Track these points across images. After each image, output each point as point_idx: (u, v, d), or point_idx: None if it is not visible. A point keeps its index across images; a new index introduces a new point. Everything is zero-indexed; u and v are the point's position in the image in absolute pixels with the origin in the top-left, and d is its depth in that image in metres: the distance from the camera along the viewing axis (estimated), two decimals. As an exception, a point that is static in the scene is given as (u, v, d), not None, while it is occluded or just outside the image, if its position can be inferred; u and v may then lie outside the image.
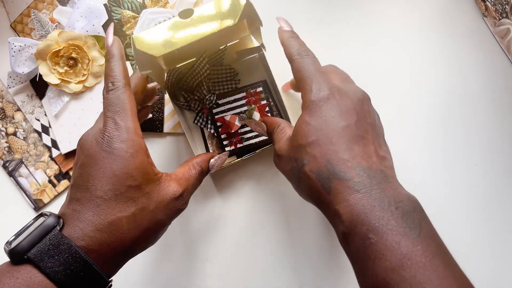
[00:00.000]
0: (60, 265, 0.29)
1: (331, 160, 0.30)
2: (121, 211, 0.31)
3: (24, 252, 0.29)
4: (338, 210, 0.29)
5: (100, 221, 0.31)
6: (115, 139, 0.32)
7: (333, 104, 0.32)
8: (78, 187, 0.32)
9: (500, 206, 0.44)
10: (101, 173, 0.32)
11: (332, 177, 0.29)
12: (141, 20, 0.45)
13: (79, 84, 0.45)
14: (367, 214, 0.27)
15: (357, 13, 0.46)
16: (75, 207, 0.32)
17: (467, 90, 0.45)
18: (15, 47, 0.44)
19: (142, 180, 0.32)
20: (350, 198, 0.28)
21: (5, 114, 0.48)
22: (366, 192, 0.28)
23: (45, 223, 0.30)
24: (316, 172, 0.30)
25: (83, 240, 0.30)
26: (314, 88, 0.33)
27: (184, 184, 0.36)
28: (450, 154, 0.45)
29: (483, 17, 0.45)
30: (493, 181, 0.44)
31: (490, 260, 0.44)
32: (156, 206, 0.33)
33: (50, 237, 0.29)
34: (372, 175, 0.29)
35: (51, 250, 0.29)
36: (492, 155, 0.44)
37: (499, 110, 0.45)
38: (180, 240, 0.45)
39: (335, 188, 0.29)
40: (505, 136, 0.45)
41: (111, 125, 0.33)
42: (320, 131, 0.31)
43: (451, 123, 0.45)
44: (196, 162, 0.38)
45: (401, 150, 0.45)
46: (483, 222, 0.44)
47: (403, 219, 0.27)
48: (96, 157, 0.32)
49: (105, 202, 0.31)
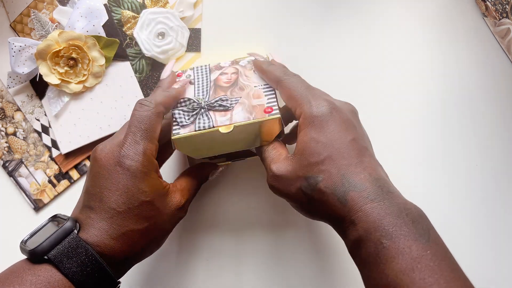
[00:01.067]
0: (78, 266, 0.31)
1: (346, 174, 0.31)
2: (134, 224, 0.33)
3: (45, 253, 0.31)
4: (354, 220, 0.30)
5: (114, 231, 0.33)
6: (131, 157, 0.34)
7: (336, 118, 0.33)
8: (91, 195, 0.34)
9: (501, 206, 0.44)
10: (115, 187, 0.33)
11: (348, 190, 0.30)
12: (141, 20, 0.45)
13: (79, 84, 0.45)
14: (382, 220, 0.29)
15: (357, 13, 0.46)
16: (89, 214, 0.34)
17: (467, 90, 0.45)
18: (15, 47, 0.44)
19: (154, 196, 0.34)
20: (366, 207, 0.29)
21: (5, 114, 0.48)
22: (380, 201, 0.29)
23: (64, 227, 0.32)
24: (332, 188, 0.31)
25: (98, 246, 0.32)
26: (313, 104, 0.34)
27: (186, 195, 0.37)
28: (450, 154, 0.45)
29: (483, 17, 0.45)
30: (493, 181, 0.44)
31: (490, 261, 0.44)
32: (164, 219, 0.35)
33: (69, 240, 0.32)
34: (381, 185, 0.30)
35: (70, 252, 0.31)
36: (492, 156, 0.45)
37: (499, 110, 0.45)
38: (180, 240, 0.45)
39: (351, 199, 0.30)
40: (505, 136, 0.45)
41: (130, 142, 0.34)
42: (331, 147, 0.32)
43: (451, 123, 0.45)
44: (196, 170, 0.40)
45: (401, 150, 0.45)
46: (484, 222, 0.44)
47: (413, 225, 0.28)
48: (110, 170, 0.34)
49: (119, 214, 0.33)
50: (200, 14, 0.46)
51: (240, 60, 0.42)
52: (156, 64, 0.46)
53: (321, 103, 0.34)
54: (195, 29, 0.46)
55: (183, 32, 0.46)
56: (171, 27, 0.45)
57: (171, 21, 0.45)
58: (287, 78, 0.37)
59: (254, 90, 0.39)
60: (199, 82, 0.41)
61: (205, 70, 0.42)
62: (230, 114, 0.37)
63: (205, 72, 0.42)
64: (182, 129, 0.37)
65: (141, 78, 0.46)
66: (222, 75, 0.41)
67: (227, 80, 0.40)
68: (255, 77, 0.40)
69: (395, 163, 0.45)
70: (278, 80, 0.37)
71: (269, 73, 0.38)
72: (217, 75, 0.41)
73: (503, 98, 0.45)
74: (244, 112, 0.37)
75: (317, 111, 0.33)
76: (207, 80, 0.41)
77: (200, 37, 0.46)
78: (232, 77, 0.41)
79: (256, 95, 0.38)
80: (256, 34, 0.46)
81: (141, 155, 0.34)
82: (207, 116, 0.38)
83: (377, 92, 0.46)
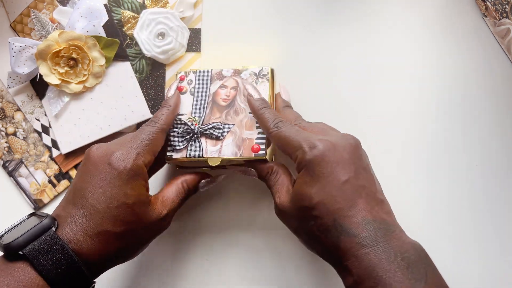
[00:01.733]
0: (52, 264, 0.31)
1: (338, 219, 0.31)
2: (111, 225, 0.33)
3: (20, 248, 0.31)
4: (347, 265, 0.30)
5: (91, 229, 0.33)
6: (122, 159, 0.35)
7: (330, 159, 0.32)
8: (76, 191, 0.35)
9: (501, 206, 0.44)
10: (99, 183, 0.34)
11: (340, 235, 0.30)
12: (141, 20, 0.45)
13: (80, 84, 0.45)
14: (375, 267, 0.28)
15: (357, 13, 0.46)
16: (70, 210, 0.34)
17: (466, 90, 0.45)
18: (15, 47, 0.44)
19: (135, 201, 0.34)
20: (359, 253, 0.29)
21: (5, 114, 0.48)
22: (373, 246, 0.29)
23: (42, 223, 0.32)
24: (324, 231, 0.31)
25: (74, 244, 0.32)
26: (306, 147, 0.33)
27: (170, 206, 0.38)
28: (450, 154, 0.45)
29: (483, 17, 0.46)
30: (493, 181, 0.44)
31: (490, 261, 0.44)
32: (142, 227, 0.35)
33: (46, 236, 0.31)
34: (377, 227, 0.30)
35: (45, 249, 0.31)
36: (492, 156, 0.45)
37: (499, 110, 0.45)
38: (180, 240, 0.45)
39: (343, 245, 0.30)
40: (505, 136, 0.45)
41: (127, 147, 0.36)
42: (323, 191, 0.32)
43: (451, 122, 0.45)
44: (184, 181, 0.40)
45: (401, 150, 0.45)
46: (483, 222, 0.44)
47: (408, 270, 0.28)
48: (99, 168, 0.34)
49: (97, 212, 0.33)
50: (200, 14, 0.46)
51: (242, 71, 0.42)
52: (156, 64, 0.46)
53: (314, 144, 0.33)
54: (195, 29, 0.46)
55: (183, 32, 0.46)
56: (171, 27, 0.45)
57: (171, 21, 0.45)
58: (276, 130, 0.36)
59: (248, 118, 0.40)
60: (198, 94, 0.42)
61: (207, 78, 0.42)
62: (220, 144, 0.40)
63: (206, 80, 0.42)
64: (175, 153, 0.40)
65: (141, 78, 0.46)
66: (222, 88, 0.42)
67: (225, 97, 0.41)
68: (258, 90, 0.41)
69: (395, 163, 0.45)
70: (267, 131, 0.38)
71: (260, 121, 0.39)
72: (217, 86, 0.42)
73: (503, 98, 0.45)
74: (233, 146, 0.40)
75: (309, 155, 0.33)
76: (206, 93, 0.42)
77: (200, 37, 0.46)
78: (231, 93, 0.41)
79: (249, 125, 0.40)
80: (256, 34, 0.46)
81: (133, 160, 0.35)
82: (199, 142, 0.40)
83: (377, 92, 0.46)
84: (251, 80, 0.42)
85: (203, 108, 0.41)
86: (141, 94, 0.46)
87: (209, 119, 0.41)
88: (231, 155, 0.39)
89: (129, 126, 0.46)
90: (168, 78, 0.46)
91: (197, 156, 0.40)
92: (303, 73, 0.46)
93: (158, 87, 0.46)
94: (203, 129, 0.40)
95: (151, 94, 0.46)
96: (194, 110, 0.42)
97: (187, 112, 0.42)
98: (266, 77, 0.41)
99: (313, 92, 0.46)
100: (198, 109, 0.41)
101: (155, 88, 0.46)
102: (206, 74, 0.43)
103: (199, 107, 0.42)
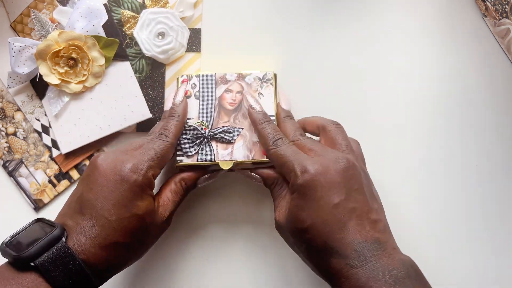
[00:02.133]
0: (64, 275, 0.31)
1: (328, 241, 0.32)
2: (122, 237, 0.34)
3: (31, 260, 0.31)
4: (340, 285, 0.31)
5: (102, 240, 0.33)
6: (134, 171, 0.35)
7: (321, 183, 0.33)
8: (85, 202, 0.34)
9: (500, 206, 0.44)
10: (110, 195, 0.34)
11: (330, 257, 0.32)
12: (141, 20, 0.45)
13: (79, 84, 0.45)
14: (363, 286, 0.30)
15: (357, 13, 0.46)
16: (79, 220, 0.34)
17: (466, 90, 0.45)
18: (15, 47, 0.44)
19: (146, 211, 0.35)
20: (348, 274, 0.31)
21: (5, 114, 0.48)
22: (361, 266, 0.30)
23: (53, 234, 0.32)
24: (316, 253, 0.33)
25: (84, 255, 0.32)
26: (298, 171, 0.34)
27: (171, 207, 0.38)
28: (450, 154, 0.45)
29: (483, 17, 0.46)
30: (493, 181, 0.44)
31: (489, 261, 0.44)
32: (150, 235, 0.36)
33: (57, 247, 0.31)
34: (367, 248, 0.31)
35: (57, 261, 0.31)
36: (492, 156, 0.45)
37: (499, 110, 0.45)
38: (179, 239, 0.45)
39: (334, 266, 0.31)
40: (505, 136, 0.45)
41: (139, 159, 0.36)
42: (314, 214, 0.33)
43: (451, 123, 0.45)
44: (182, 179, 0.40)
45: (401, 150, 0.45)
46: (483, 222, 0.44)
47: (395, 286, 0.29)
48: (110, 179, 0.34)
49: (108, 223, 0.33)
50: (200, 14, 0.46)
51: (246, 76, 0.42)
52: (156, 64, 0.46)
53: (306, 168, 0.34)
54: (195, 29, 0.46)
55: (183, 32, 0.46)
56: (171, 27, 0.45)
57: (171, 21, 0.45)
58: (274, 148, 0.37)
59: None
60: (204, 98, 0.42)
61: (211, 82, 0.42)
62: (231, 148, 0.40)
63: (210, 84, 0.42)
64: (186, 158, 0.40)
65: (141, 78, 0.46)
66: (227, 92, 0.42)
67: (231, 101, 0.42)
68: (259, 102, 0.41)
69: (395, 163, 0.45)
70: (266, 148, 0.38)
71: (260, 135, 0.39)
72: (222, 90, 0.42)
73: (503, 98, 0.45)
74: (244, 149, 0.40)
75: (301, 179, 0.34)
76: (212, 97, 0.42)
77: (200, 37, 0.46)
78: (237, 97, 0.42)
79: None
80: (256, 34, 0.46)
81: (144, 172, 0.35)
82: (209, 146, 0.41)
83: (376, 93, 0.46)
84: (255, 85, 0.42)
85: (210, 112, 0.42)
86: (141, 94, 0.46)
87: (218, 123, 0.41)
88: (242, 158, 0.40)
89: (129, 126, 0.46)
90: (168, 78, 0.46)
91: (209, 160, 0.40)
92: (303, 73, 0.46)
93: (158, 87, 0.46)
94: (214, 133, 0.41)
95: (151, 94, 0.46)
96: (201, 114, 0.42)
97: (194, 117, 0.42)
98: (270, 82, 0.42)
99: (313, 92, 0.46)
100: (205, 113, 0.42)
101: (155, 88, 0.46)
102: (210, 78, 0.43)
103: (206, 111, 0.42)
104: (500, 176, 0.44)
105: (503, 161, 0.44)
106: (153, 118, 0.45)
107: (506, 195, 0.44)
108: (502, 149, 0.45)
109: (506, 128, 0.45)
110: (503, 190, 0.44)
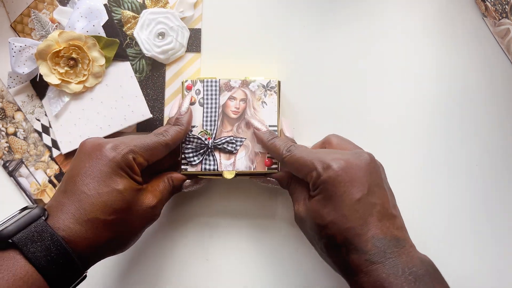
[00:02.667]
0: (42, 251, 0.31)
1: (349, 237, 0.32)
2: (101, 212, 0.33)
3: (9, 236, 0.31)
4: (357, 280, 0.31)
5: (81, 215, 0.33)
6: (115, 149, 0.35)
7: (344, 179, 0.33)
8: (68, 179, 0.35)
9: (501, 206, 0.44)
10: (90, 170, 0.34)
11: (350, 253, 0.32)
12: (141, 20, 0.45)
13: (80, 84, 0.45)
14: (383, 282, 0.30)
15: (357, 13, 0.46)
16: (60, 199, 0.34)
17: (466, 90, 0.45)
18: (15, 47, 0.44)
19: (125, 187, 0.35)
20: (368, 269, 0.31)
21: (5, 114, 0.48)
22: (381, 262, 0.30)
23: (31, 213, 0.32)
24: (335, 248, 0.33)
25: (63, 231, 0.32)
26: (320, 168, 0.34)
27: (159, 196, 0.38)
28: (450, 154, 0.45)
29: (483, 17, 0.46)
30: (493, 181, 0.44)
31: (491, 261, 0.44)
32: (133, 215, 0.36)
33: (35, 224, 0.32)
34: (386, 244, 0.31)
35: (34, 237, 0.31)
36: (492, 156, 0.45)
37: (499, 110, 0.45)
38: (179, 239, 0.45)
39: (354, 261, 0.31)
40: (505, 136, 0.45)
41: (124, 142, 0.36)
42: (335, 210, 0.33)
43: (451, 123, 0.45)
44: (170, 177, 0.40)
45: (401, 150, 0.45)
46: (484, 222, 0.44)
47: (416, 284, 0.29)
48: (91, 155, 0.35)
49: (87, 198, 0.33)
50: (200, 14, 0.46)
51: (250, 82, 0.42)
52: (156, 64, 0.46)
53: (328, 164, 0.34)
54: (195, 29, 0.46)
55: (183, 32, 0.46)
56: (171, 27, 0.45)
57: (171, 21, 0.45)
58: (289, 154, 0.37)
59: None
60: (208, 105, 0.42)
61: (215, 88, 0.43)
62: (234, 158, 0.41)
63: (214, 90, 0.43)
64: (190, 167, 0.41)
65: (141, 78, 0.46)
66: (231, 100, 0.42)
67: (235, 110, 0.42)
68: (262, 112, 0.42)
69: (395, 163, 0.45)
70: (280, 158, 0.38)
71: (270, 151, 0.40)
72: (226, 98, 0.42)
73: (503, 98, 0.45)
74: (246, 160, 0.41)
75: (325, 175, 0.34)
76: (216, 105, 0.42)
77: (200, 37, 0.46)
78: (241, 105, 0.42)
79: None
80: (256, 34, 0.46)
81: (124, 153, 0.35)
82: (213, 156, 0.41)
83: (376, 93, 0.46)
84: (259, 93, 0.42)
85: (214, 121, 0.42)
86: (141, 94, 0.46)
87: (221, 133, 0.42)
88: (245, 169, 0.41)
89: (129, 126, 0.46)
90: (168, 78, 0.46)
91: (212, 170, 0.41)
92: (303, 72, 0.46)
93: (158, 87, 0.46)
94: (217, 143, 0.41)
95: (151, 94, 0.46)
96: (205, 122, 0.42)
97: (198, 124, 0.42)
98: (274, 90, 0.42)
99: (313, 91, 0.46)
100: (209, 121, 0.42)
101: (155, 88, 0.46)
102: (214, 84, 0.43)
103: (210, 119, 0.42)
104: (501, 176, 0.44)
105: (503, 161, 0.45)
106: (153, 118, 0.46)
107: (506, 195, 0.44)
108: (502, 149, 0.45)
109: (506, 128, 0.45)
110: (503, 190, 0.44)
